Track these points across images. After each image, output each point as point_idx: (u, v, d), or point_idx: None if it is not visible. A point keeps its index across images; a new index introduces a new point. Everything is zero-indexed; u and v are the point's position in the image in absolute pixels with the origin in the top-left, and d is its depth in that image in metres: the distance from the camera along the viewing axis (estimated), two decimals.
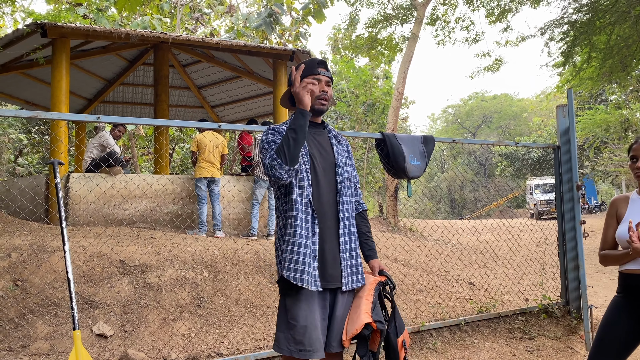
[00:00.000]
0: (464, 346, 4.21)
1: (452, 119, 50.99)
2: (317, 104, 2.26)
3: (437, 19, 16.27)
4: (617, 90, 20.02)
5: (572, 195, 4.83)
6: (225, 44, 6.96)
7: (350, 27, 17.52)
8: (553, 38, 12.88)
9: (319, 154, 2.27)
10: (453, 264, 7.60)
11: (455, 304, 5.12)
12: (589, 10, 11.24)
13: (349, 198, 2.30)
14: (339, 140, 2.42)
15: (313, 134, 2.32)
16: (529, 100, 47.99)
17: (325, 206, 2.21)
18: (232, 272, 4.84)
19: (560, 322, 4.72)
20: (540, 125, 38.27)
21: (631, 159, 2.42)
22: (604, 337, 2.34)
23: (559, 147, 5.00)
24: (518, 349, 4.18)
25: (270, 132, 2.25)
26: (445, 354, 4.02)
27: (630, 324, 2.28)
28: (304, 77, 2.28)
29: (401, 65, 12.93)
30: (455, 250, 9.64)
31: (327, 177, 2.26)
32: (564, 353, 4.13)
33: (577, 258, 4.79)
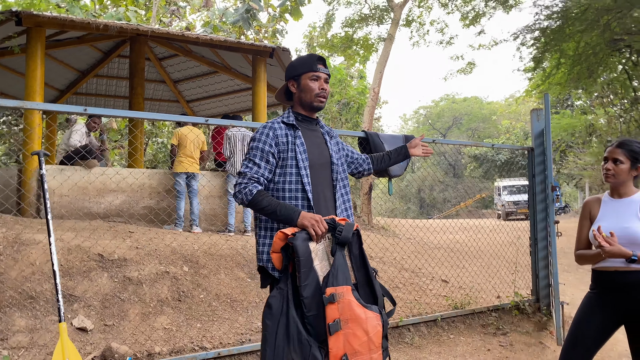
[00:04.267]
0: (441, 341, 4.33)
1: (424, 120, 51.66)
2: (316, 101, 2.30)
3: (412, 21, 16.49)
4: (583, 95, 20.66)
5: (545, 196, 5.00)
6: (206, 38, 6.93)
7: (326, 26, 17.61)
8: (525, 43, 13.24)
9: (316, 150, 2.30)
10: (426, 261, 7.74)
11: (430, 300, 5.25)
12: (560, 18, 11.61)
13: (344, 194, 2.36)
14: (331, 135, 2.46)
15: (309, 130, 2.35)
16: (498, 103, 49.00)
17: (323, 202, 2.24)
18: (212, 267, 4.85)
19: (531, 318, 4.89)
20: (509, 128, 39.16)
21: (604, 160, 2.54)
22: (579, 330, 2.47)
23: (533, 149, 5.17)
24: (492, 344, 4.32)
25: (265, 133, 2.25)
26: (422, 349, 4.13)
27: (604, 318, 2.42)
28: (302, 74, 2.31)
29: (377, 66, 13.07)
30: (428, 249, 9.81)
31: (323, 173, 2.30)
32: (535, 348, 4.29)
33: (547, 257, 4.98)
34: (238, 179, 2.21)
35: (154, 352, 3.32)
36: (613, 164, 2.45)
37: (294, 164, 2.21)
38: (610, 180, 2.48)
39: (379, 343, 2.00)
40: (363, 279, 2.14)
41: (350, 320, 1.93)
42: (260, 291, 4.69)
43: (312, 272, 1.99)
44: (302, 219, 2.04)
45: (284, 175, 2.22)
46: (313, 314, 1.94)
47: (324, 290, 1.94)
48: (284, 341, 1.92)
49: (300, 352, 1.90)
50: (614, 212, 2.45)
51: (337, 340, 1.90)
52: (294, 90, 2.35)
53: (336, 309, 1.92)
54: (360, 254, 2.16)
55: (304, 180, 2.19)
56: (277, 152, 2.23)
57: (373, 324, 1.98)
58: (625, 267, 2.34)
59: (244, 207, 7.09)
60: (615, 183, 2.47)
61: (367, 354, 1.95)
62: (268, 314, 1.98)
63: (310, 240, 2.02)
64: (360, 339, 1.93)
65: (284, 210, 2.09)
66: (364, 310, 1.98)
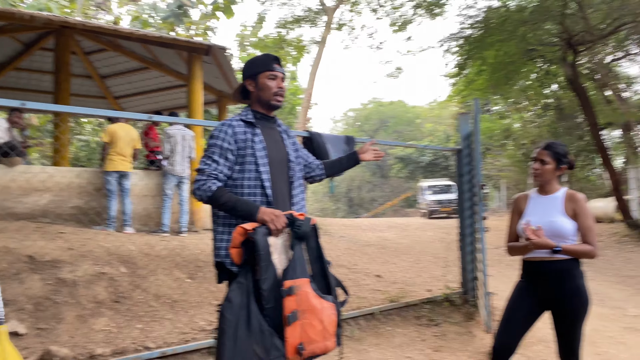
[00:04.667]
0: (379, 333, 4.52)
1: (352, 122, 52.69)
2: (274, 99, 2.36)
3: (344, 25, 16.84)
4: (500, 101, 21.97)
5: (472, 195, 5.34)
6: (139, 34, 6.75)
7: (258, 26, 17.57)
8: (450, 50, 13.93)
9: (274, 148, 2.36)
10: (360, 258, 7.97)
11: (367, 295, 5.43)
12: (482, 27, 12.33)
13: (300, 193, 2.44)
14: (288, 134, 2.52)
15: (267, 128, 2.40)
16: (422, 107, 50.97)
17: (281, 199, 2.31)
18: (150, 268, 4.75)
19: (460, 309, 5.21)
20: (432, 131, 40.84)
21: (532, 161, 2.80)
22: (510, 314, 2.71)
23: (461, 150, 5.50)
24: (426, 335, 4.56)
25: (223, 131, 2.28)
26: (362, 341, 4.29)
27: (531, 303, 2.67)
28: (260, 73, 2.36)
29: (311, 68, 13.26)
30: (359, 246, 10.09)
31: (281, 170, 2.35)
32: (465, 337, 4.58)
33: (474, 252, 5.33)
34: (197, 176, 2.23)
35: (95, 354, 3.23)
36: (540, 164, 2.72)
37: (253, 160, 2.26)
38: (537, 179, 2.74)
39: (333, 331, 2.11)
40: (319, 271, 2.22)
41: (307, 310, 2.02)
42: (200, 291, 4.66)
43: (271, 266, 2.05)
44: (262, 214, 2.10)
45: (242, 172, 2.26)
46: (272, 306, 2.00)
47: (283, 283, 2.02)
48: (245, 333, 1.96)
49: (262, 342, 1.96)
50: (540, 208, 2.71)
51: (294, 330, 1.98)
52: (252, 89, 2.39)
53: (294, 301, 2.00)
54: (316, 248, 2.24)
55: (263, 177, 2.24)
56: (236, 149, 2.27)
57: (328, 313, 2.08)
58: (550, 257, 2.60)
59: (180, 207, 7.00)
60: (542, 181, 2.74)
61: (322, 342, 2.05)
62: (228, 308, 2.02)
63: (269, 235, 2.08)
64: (316, 328, 2.03)
65: (244, 206, 2.14)
66: (320, 300, 2.07)
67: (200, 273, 5.00)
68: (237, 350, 1.95)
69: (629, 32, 12.00)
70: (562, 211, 2.63)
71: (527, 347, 4.21)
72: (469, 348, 4.29)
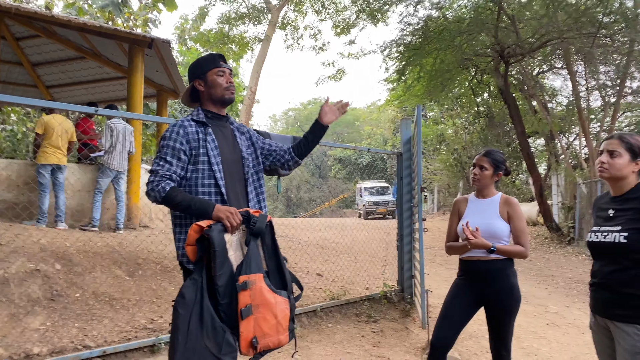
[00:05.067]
0: (320, 330, 4.62)
1: (292, 121, 52.80)
2: (227, 94, 2.40)
3: (287, 24, 16.87)
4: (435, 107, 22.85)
5: (410, 197, 5.57)
6: (78, 22, 6.47)
7: (200, 20, 17.26)
8: (390, 56, 14.32)
9: (227, 146, 2.39)
10: (300, 257, 8.06)
11: (308, 293, 5.53)
12: (421, 36, 12.78)
13: (257, 187, 2.48)
14: (242, 131, 2.55)
15: (219, 126, 2.42)
16: (361, 110, 51.87)
17: (235, 197, 2.34)
18: (88, 265, 4.60)
19: (397, 306, 5.41)
20: (371, 133, 41.68)
21: (472, 166, 2.99)
22: (448, 309, 2.88)
23: (402, 154, 5.71)
24: (365, 331, 4.71)
25: (175, 131, 2.29)
26: (304, 338, 4.37)
27: (468, 299, 2.85)
28: (208, 71, 2.39)
29: (254, 65, 13.20)
30: (299, 245, 10.18)
31: (235, 168, 2.39)
32: (402, 333, 4.77)
33: (411, 251, 5.55)
34: (150, 177, 2.23)
35: (32, 354, 3.11)
36: (479, 169, 2.91)
37: (206, 160, 2.28)
38: (476, 183, 2.93)
39: (287, 325, 2.16)
40: (274, 267, 2.27)
41: (261, 305, 2.06)
42: (140, 289, 4.58)
43: (227, 262, 2.08)
44: (217, 212, 2.12)
45: (196, 171, 2.28)
46: (226, 302, 2.03)
47: (237, 278, 2.05)
48: (197, 328, 1.99)
49: (214, 338, 1.99)
50: (478, 210, 2.91)
51: (248, 324, 2.02)
52: (202, 88, 2.42)
53: (248, 296, 2.04)
54: (272, 244, 2.29)
55: (217, 176, 2.27)
56: (189, 149, 2.28)
57: (282, 307, 2.13)
58: (486, 256, 2.79)
59: (117, 204, 6.78)
60: (480, 186, 2.93)
61: (275, 336, 2.10)
62: (181, 303, 2.03)
63: (225, 232, 2.11)
64: (270, 322, 2.08)
65: (199, 204, 2.16)
66: (274, 295, 2.12)
67: (140, 271, 4.90)
68: (189, 345, 1.97)
69: (554, 47, 12.85)
70: (497, 214, 2.83)
71: (458, 342, 4.45)
72: (406, 343, 4.47)
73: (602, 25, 10.50)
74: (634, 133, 2.37)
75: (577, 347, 4.68)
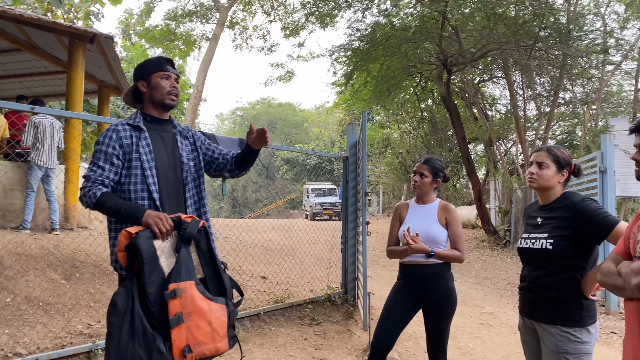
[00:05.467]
0: (263, 333, 4.62)
1: (240, 121, 52.30)
2: (168, 98, 2.37)
3: (236, 24, 16.71)
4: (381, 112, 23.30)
5: (355, 200, 5.66)
6: (14, 13, 6.15)
7: (145, 15, 16.80)
8: (338, 60, 14.48)
9: (164, 152, 2.36)
10: (245, 259, 8.01)
11: (252, 296, 5.51)
12: (369, 42, 13.01)
13: (197, 193, 2.45)
14: (185, 135, 2.51)
15: (159, 131, 2.39)
16: (310, 111, 52.15)
17: (172, 202, 2.31)
18: (20, 269, 4.39)
19: (340, 309, 5.49)
20: (319, 135, 41.96)
21: (413, 173, 3.09)
22: (388, 312, 2.96)
23: (348, 158, 5.80)
24: (308, 333, 4.75)
25: (108, 136, 2.26)
26: (247, 342, 4.35)
27: (408, 302, 2.94)
28: (152, 73, 2.36)
29: (202, 64, 12.97)
30: (244, 247, 10.11)
31: (172, 174, 2.36)
32: (344, 335, 4.84)
33: (355, 254, 5.65)
34: (82, 183, 2.20)
35: None
36: (419, 177, 3.01)
37: (139, 165, 2.25)
38: (417, 190, 3.03)
39: (224, 333, 2.12)
40: (212, 273, 2.24)
41: (193, 313, 2.03)
42: (77, 293, 4.41)
43: (158, 269, 2.05)
44: (147, 217, 2.09)
45: (129, 176, 2.25)
46: (157, 309, 2.00)
47: (167, 286, 2.02)
48: (128, 336, 1.95)
49: (145, 346, 1.95)
50: (418, 216, 3.01)
51: (179, 332, 1.99)
52: (144, 89, 2.38)
53: (178, 304, 2.00)
54: (208, 249, 2.26)
55: (149, 181, 2.25)
56: (122, 153, 2.25)
57: (217, 315, 2.09)
58: (425, 261, 2.89)
59: (49, 204, 6.49)
60: (420, 192, 3.03)
61: (211, 344, 2.06)
62: (113, 312, 2.00)
63: (155, 239, 2.08)
64: (204, 330, 2.04)
65: (129, 210, 2.13)
66: (208, 302, 2.08)
67: (77, 274, 4.72)
68: (120, 354, 1.94)
69: (494, 58, 13.43)
70: (436, 220, 2.95)
71: (398, 343, 4.57)
72: (347, 345, 4.55)
73: (538, 38, 11.07)
74: (561, 145, 2.53)
75: (510, 346, 4.92)
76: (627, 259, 1.79)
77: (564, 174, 2.34)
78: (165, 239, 2.11)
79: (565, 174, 2.35)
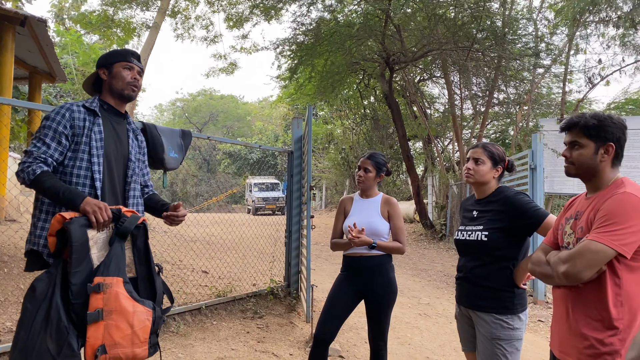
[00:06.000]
0: (205, 327, 4.58)
1: (180, 112, 51.01)
2: (128, 89, 2.31)
3: (178, 13, 16.29)
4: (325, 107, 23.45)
5: (300, 194, 5.70)
6: None
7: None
8: (283, 53, 14.43)
9: (114, 144, 2.30)
10: (185, 254, 7.87)
11: (193, 290, 5.44)
12: (313, 36, 13.06)
13: (137, 193, 2.40)
14: (136, 135, 2.47)
15: (113, 122, 2.33)
16: (253, 105, 51.63)
17: (113, 196, 2.25)
18: None
19: (283, 302, 5.52)
20: (262, 129, 41.66)
21: (357, 169, 3.17)
22: (332, 303, 3.02)
23: (292, 152, 5.83)
24: (250, 327, 4.75)
25: (61, 114, 2.17)
26: (188, 336, 4.30)
27: (351, 293, 3.02)
28: (116, 63, 2.31)
29: (141, 53, 12.52)
30: (184, 242, 9.93)
31: (118, 168, 2.30)
32: (287, 327, 4.88)
33: (299, 247, 5.69)
34: (23, 158, 2.09)
35: None
36: (364, 171, 3.09)
37: (87, 150, 2.17)
38: (361, 184, 3.11)
39: (145, 338, 2.00)
40: (145, 274, 2.15)
41: (115, 311, 1.92)
42: (6, 289, 4.19)
43: (87, 260, 1.96)
44: (85, 204, 2.01)
45: (74, 159, 2.17)
46: (79, 302, 1.90)
47: (92, 279, 1.93)
48: (41, 326, 1.86)
49: (56, 338, 1.86)
50: (362, 209, 3.09)
51: (96, 330, 1.89)
52: (105, 77, 2.33)
53: (100, 299, 1.91)
54: (144, 248, 2.17)
55: (94, 168, 2.17)
56: (72, 135, 2.17)
57: (141, 318, 1.99)
58: (367, 253, 2.97)
59: None
60: (365, 187, 3.11)
61: (129, 347, 1.95)
62: (30, 297, 1.90)
63: (90, 227, 2.00)
64: (124, 331, 1.94)
65: (68, 194, 2.04)
66: (133, 303, 1.98)
67: (5, 269, 4.48)
68: (29, 344, 1.84)
69: (434, 57, 13.84)
70: (379, 213, 3.03)
71: (340, 334, 4.67)
72: (290, 337, 4.59)
73: (475, 40, 11.52)
74: (496, 142, 2.67)
75: (445, 335, 5.13)
76: (556, 250, 1.94)
77: (499, 169, 2.48)
78: (101, 229, 2.03)
79: (499, 170, 2.48)
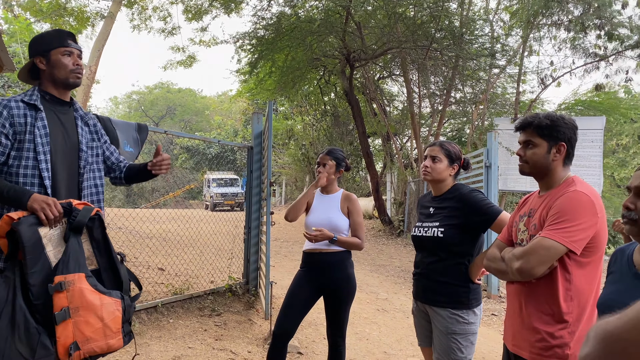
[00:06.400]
0: (161, 326, 4.48)
1: (137, 105, 49.72)
2: (72, 77, 2.20)
3: (134, 3, 15.83)
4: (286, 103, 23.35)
5: (260, 190, 5.65)
6: None
7: None
8: (243, 47, 14.26)
9: (61, 136, 2.19)
10: (141, 251, 7.69)
11: (149, 288, 5.31)
12: (274, 31, 12.96)
13: (92, 182, 2.30)
14: (86, 121, 2.35)
15: (58, 112, 2.22)
16: (212, 99, 50.87)
17: (65, 190, 2.16)
18: None
19: (242, 299, 5.47)
20: (221, 124, 41.12)
21: (317, 165, 3.17)
22: (291, 299, 3.02)
23: (252, 147, 5.76)
24: (208, 324, 4.68)
25: None
26: (143, 335, 4.20)
27: (310, 289, 3.02)
28: (53, 49, 2.18)
29: (96, 43, 12.12)
30: (140, 238, 9.69)
31: (69, 159, 2.20)
32: (245, 324, 4.84)
33: (258, 244, 5.65)
34: None
35: None
36: (323, 167, 3.09)
37: (32, 147, 2.07)
38: (321, 181, 3.11)
39: (118, 329, 2.01)
40: (107, 264, 2.13)
41: (82, 307, 1.91)
42: None
43: (43, 259, 1.91)
44: (32, 202, 1.93)
45: (19, 159, 2.06)
46: (41, 302, 1.86)
47: (53, 278, 1.89)
48: (7, 331, 1.80)
49: (28, 341, 1.82)
50: (323, 205, 3.10)
51: (65, 328, 1.87)
52: (43, 67, 2.19)
53: (64, 298, 1.88)
54: (103, 239, 2.13)
55: (42, 166, 2.07)
56: (12, 133, 2.06)
57: (110, 310, 1.98)
58: (327, 249, 2.98)
59: None
60: (324, 182, 3.11)
61: (102, 340, 1.95)
62: None
63: (40, 225, 1.93)
64: (94, 325, 1.93)
65: (13, 193, 1.95)
66: (99, 296, 1.97)
67: None
68: None
69: (394, 55, 14.00)
70: (339, 209, 3.05)
71: (298, 331, 4.66)
72: (248, 335, 4.55)
73: (434, 39, 11.72)
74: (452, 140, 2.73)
75: (403, 330, 5.21)
76: (510, 246, 1.99)
77: (455, 167, 2.52)
78: (53, 226, 1.96)
79: (455, 168, 2.53)
